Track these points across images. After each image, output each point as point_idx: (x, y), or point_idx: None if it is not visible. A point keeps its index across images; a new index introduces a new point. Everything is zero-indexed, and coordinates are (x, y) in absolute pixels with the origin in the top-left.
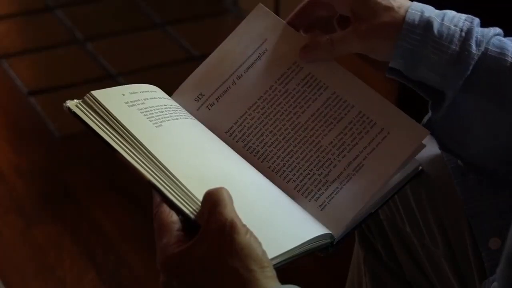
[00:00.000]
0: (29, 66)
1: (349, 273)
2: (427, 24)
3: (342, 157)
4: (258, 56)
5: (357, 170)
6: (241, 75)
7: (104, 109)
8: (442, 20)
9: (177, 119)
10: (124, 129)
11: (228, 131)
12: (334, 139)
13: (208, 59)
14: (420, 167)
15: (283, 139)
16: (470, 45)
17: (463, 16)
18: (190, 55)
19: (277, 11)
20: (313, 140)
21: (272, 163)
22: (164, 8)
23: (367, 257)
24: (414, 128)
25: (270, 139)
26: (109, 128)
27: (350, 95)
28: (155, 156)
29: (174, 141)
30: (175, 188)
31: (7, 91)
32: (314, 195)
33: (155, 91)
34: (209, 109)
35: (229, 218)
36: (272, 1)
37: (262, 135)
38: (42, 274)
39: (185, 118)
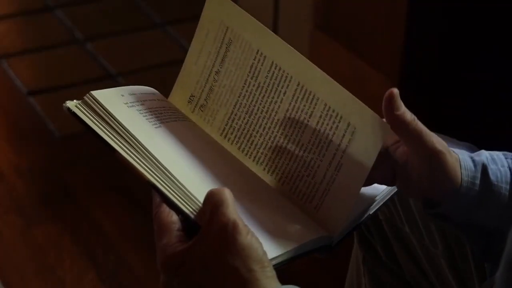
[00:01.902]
0: (29, 66)
1: (348, 273)
2: (484, 169)
3: (323, 156)
4: (226, 48)
5: (338, 169)
6: (218, 70)
7: (104, 109)
8: (489, 164)
9: (175, 120)
10: (124, 129)
11: (222, 133)
12: (311, 137)
13: (187, 57)
14: None
15: (269, 139)
16: None
17: (500, 154)
18: None
19: (276, 10)
20: (295, 139)
21: (266, 166)
22: (164, 8)
23: (367, 257)
24: (376, 122)
25: (259, 139)
26: (108, 128)
27: (312, 85)
28: (154, 156)
29: (174, 142)
30: (174, 188)
31: (7, 91)
32: (308, 197)
33: (154, 93)
34: (202, 111)
35: (231, 219)
36: (272, 1)
37: (251, 136)
38: (42, 274)
39: (183, 120)
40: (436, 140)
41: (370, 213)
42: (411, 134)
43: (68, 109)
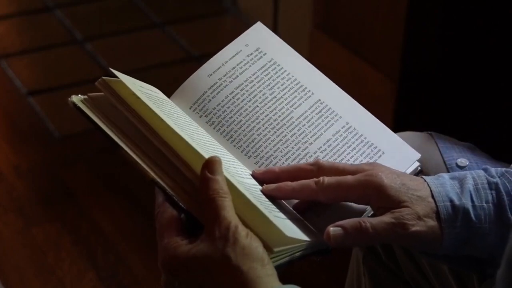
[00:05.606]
0: (28, 66)
1: (348, 273)
2: (464, 215)
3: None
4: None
5: None
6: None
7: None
8: (472, 201)
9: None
10: (136, 113)
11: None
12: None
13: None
14: (420, 168)
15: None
16: (509, 218)
17: (484, 182)
18: (189, 55)
19: (276, 10)
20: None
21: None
22: (164, 8)
23: (366, 257)
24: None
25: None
26: (112, 125)
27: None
28: (166, 143)
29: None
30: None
31: (6, 91)
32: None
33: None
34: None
35: (232, 222)
36: (271, 1)
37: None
38: (42, 274)
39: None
40: (405, 219)
41: (369, 215)
42: (381, 240)
43: (74, 104)
